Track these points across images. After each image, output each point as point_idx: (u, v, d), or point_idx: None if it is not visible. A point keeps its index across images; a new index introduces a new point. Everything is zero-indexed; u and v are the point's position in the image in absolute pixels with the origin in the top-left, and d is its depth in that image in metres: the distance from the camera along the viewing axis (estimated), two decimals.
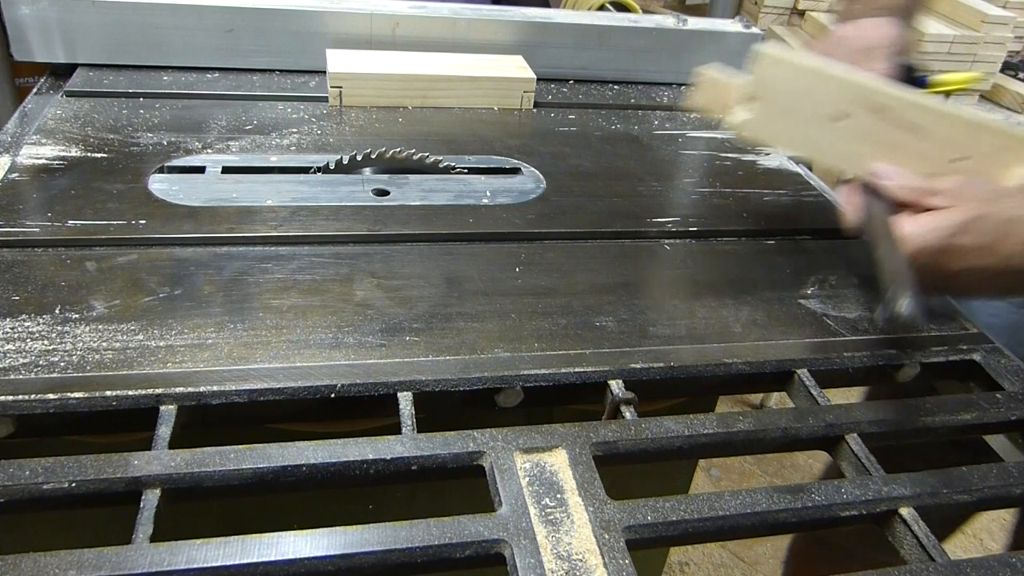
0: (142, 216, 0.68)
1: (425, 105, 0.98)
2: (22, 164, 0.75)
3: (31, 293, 0.58)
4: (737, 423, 0.54)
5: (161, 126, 0.85)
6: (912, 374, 0.64)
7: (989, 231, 0.58)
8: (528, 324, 0.61)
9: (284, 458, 0.47)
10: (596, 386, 0.57)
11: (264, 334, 0.57)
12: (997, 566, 0.46)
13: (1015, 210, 0.59)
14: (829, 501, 0.49)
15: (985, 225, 0.58)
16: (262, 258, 0.66)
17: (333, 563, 0.42)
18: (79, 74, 0.95)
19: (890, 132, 0.65)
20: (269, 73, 1.01)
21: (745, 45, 1.14)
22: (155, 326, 0.56)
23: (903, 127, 0.65)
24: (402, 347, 0.57)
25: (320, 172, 0.81)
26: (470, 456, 0.49)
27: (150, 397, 0.50)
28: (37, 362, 0.52)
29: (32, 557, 0.40)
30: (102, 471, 0.44)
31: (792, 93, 0.66)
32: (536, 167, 0.86)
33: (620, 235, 0.76)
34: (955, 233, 0.58)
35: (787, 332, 0.64)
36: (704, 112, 0.72)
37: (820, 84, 0.66)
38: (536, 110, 1.01)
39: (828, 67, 0.66)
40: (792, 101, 0.67)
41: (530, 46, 1.07)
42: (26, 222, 0.66)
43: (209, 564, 0.40)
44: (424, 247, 0.70)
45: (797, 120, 0.67)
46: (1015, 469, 0.54)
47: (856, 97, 0.65)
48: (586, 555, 0.43)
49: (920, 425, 0.57)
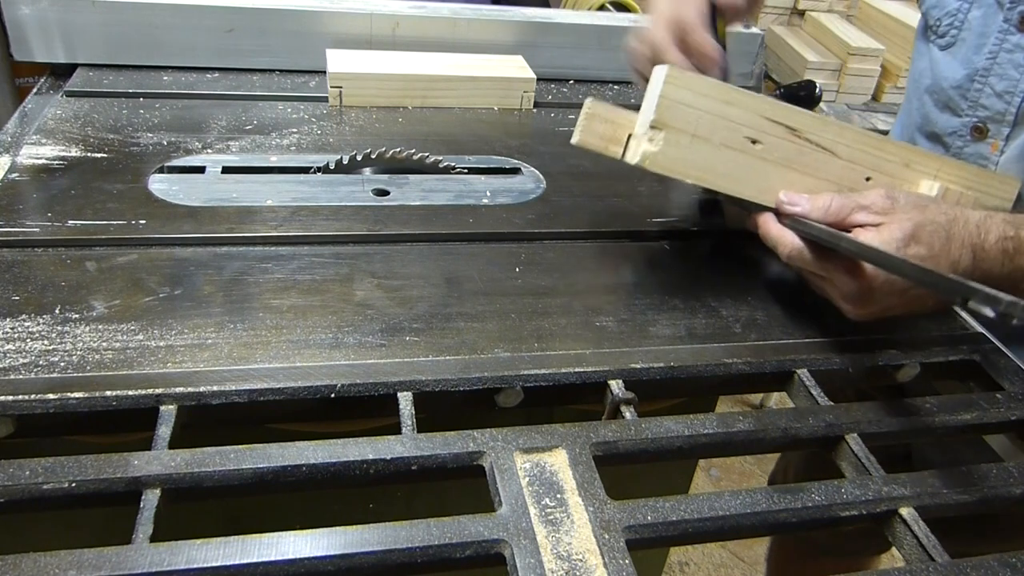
0: (142, 216, 0.68)
1: (425, 105, 0.98)
2: (22, 164, 0.75)
3: (31, 293, 0.58)
4: (737, 423, 0.54)
5: (161, 126, 0.85)
6: (912, 374, 0.64)
7: (933, 239, 0.58)
8: (528, 324, 0.61)
9: (284, 458, 0.47)
10: (596, 386, 0.57)
11: (264, 334, 0.57)
12: (997, 566, 0.46)
13: (945, 213, 0.59)
14: (829, 501, 0.49)
15: (927, 233, 0.57)
16: (262, 258, 0.66)
17: (333, 563, 0.42)
18: (79, 74, 0.95)
19: (804, 155, 0.64)
20: (269, 73, 1.01)
21: (745, 45, 1.14)
22: (155, 326, 0.56)
23: (815, 148, 0.63)
24: (402, 347, 0.57)
25: (320, 172, 0.81)
26: (470, 456, 0.49)
27: (150, 397, 0.50)
28: (37, 362, 0.52)
29: (32, 557, 0.40)
30: (102, 471, 0.44)
31: (704, 117, 0.61)
32: (536, 167, 0.86)
33: (620, 235, 0.76)
34: (905, 246, 0.57)
35: (787, 332, 0.64)
36: (595, 150, 0.63)
37: (734, 104, 0.61)
38: (536, 110, 1.01)
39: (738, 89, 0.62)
40: (704, 126, 0.61)
41: (530, 46, 1.07)
42: (26, 222, 0.66)
43: (209, 564, 0.40)
44: (424, 247, 0.70)
45: (709, 147, 0.61)
46: (1015, 469, 0.54)
47: (769, 116, 0.62)
48: (586, 555, 0.43)
49: (920, 425, 0.57)
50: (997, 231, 0.59)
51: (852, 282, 0.58)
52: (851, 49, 1.92)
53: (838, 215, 0.60)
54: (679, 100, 0.60)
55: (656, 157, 0.60)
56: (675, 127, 0.60)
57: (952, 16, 0.76)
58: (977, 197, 0.69)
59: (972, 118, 0.75)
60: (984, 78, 0.73)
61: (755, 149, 0.62)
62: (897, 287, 0.58)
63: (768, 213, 0.64)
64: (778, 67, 2.13)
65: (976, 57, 0.74)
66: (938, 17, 0.78)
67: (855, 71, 1.94)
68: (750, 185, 0.63)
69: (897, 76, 1.92)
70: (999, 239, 0.59)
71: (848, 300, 0.60)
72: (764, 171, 0.63)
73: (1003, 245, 0.59)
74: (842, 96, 1.96)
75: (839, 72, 1.96)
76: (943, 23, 0.78)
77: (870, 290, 0.58)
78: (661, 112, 0.60)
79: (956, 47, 0.77)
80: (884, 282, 0.57)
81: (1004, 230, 0.59)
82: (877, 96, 1.97)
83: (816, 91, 1.07)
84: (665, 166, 0.61)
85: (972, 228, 0.59)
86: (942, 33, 0.78)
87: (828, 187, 0.64)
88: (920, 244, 0.57)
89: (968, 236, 0.59)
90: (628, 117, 0.63)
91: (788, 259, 0.61)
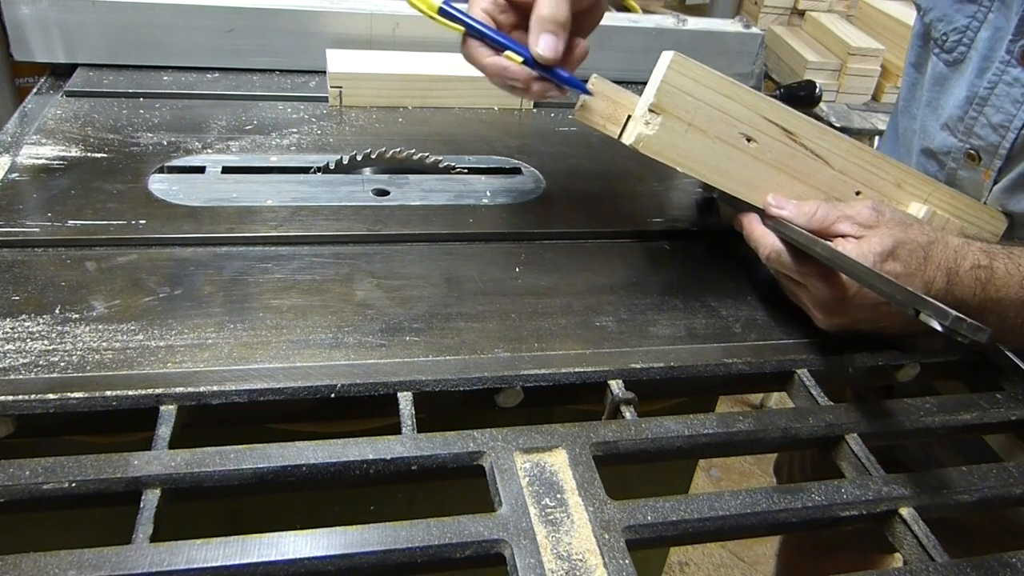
0: (142, 216, 0.68)
1: (425, 105, 0.98)
2: (22, 164, 0.75)
3: (31, 293, 0.58)
4: (737, 423, 0.54)
5: (161, 126, 0.85)
6: (912, 374, 0.64)
7: (911, 257, 0.58)
8: (528, 324, 0.61)
9: (284, 458, 0.47)
10: (596, 386, 0.57)
11: (264, 334, 0.57)
12: (997, 566, 0.46)
13: (927, 235, 0.59)
14: (829, 501, 0.49)
15: (906, 251, 0.58)
16: (262, 258, 0.66)
17: (333, 563, 0.42)
18: (79, 74, 0.95)
19: (797, 159, 0.64)
20: (269, 73, 1.01)
21: (745, 45, 1.14)
22: (155, 326, 0.56)
23: (809, 155, 0.63)
24: (402, 347, 0.57)
25: (320, 172, 0.81)
26: (470, 456, 0.49)
27: (150, 397, 0.50)
28: (37, 362, 0.52)
29: (32, 557, 0.40)
30: (102, 471, 0.44)
31: (702, 108, 0.61)
32: (536, 167, 0.86)
33: (620, 235, 0.76)
34: (882, 261, 0.57)
35: (787, 332, 0.64)
36: (595, 126, 0.65)
37: (734, 99, 0.61)
38: (536, 110, 1.01)
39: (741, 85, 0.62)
40: (701, 116, 0.61)
41: None
42: (26, 222, 0.66)
43: (209, 564, 0.40)
44: (424, 247, 0.70)
45: (703, 139, 0.62)
46: (1015, 469, 0.54)
47: (768, 116, 0.62)
48: (586, 555, 0.43)
49: (920, 425, 0.57)
50: (972, 258, 0.59)
51: (826, 289, 0.58)
52: (851, 49, 1.91)
53: (822, 223, 0.60)
54: (680, 87, 0.60)
55: (650, 140, 0.61)
56: (673, 113, 0.60)
57: (960, 33, 0.73)
58: (964, 227, 0.69)
59: (966, 144, 0.73)
60: (980, 108, 0.71)
61: (749, 147, 0.63)
62: (869, 301, 0.58)
63: (754, 213, 0.64)
64: (778, 67, 2.13)
65: (978, 81, 0.71)
66: (944, 32, 0.74)
67: (855, 71, 1.94)
68: (738, 181, 0.64)
69: (897, 76, 1.91)
70: (973, 267, 0.59)
71: (820, 307, 0.60)
72: (755, 170, 0.63)
73: (976, 274, 0.59)
74: (842, 96, 1.96)
75: (839, 72, 1.96)
76: (950, 38, 0.74)
77: (843, 299, 0.58)
78: (661, 96, 0.60)
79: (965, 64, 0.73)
80: (856, 294, 0.58)
81: (979, 259, 0.60)
82: (877, 96, 1.97)
83: (816, 91, 1.07)
84: (657, 150, 0.61)
85: (950, 253, 0.59)
86: (949, 49, 0.74)
87: (816, 195, 0.65)
88: (897, 261, 0.57)
89: (945, 260, 0.59)
90: (629, 98, 0.64)
91: (767, 260, 0.62)
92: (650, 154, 0.61)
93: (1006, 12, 0.69)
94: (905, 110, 0.84)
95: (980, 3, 0.71)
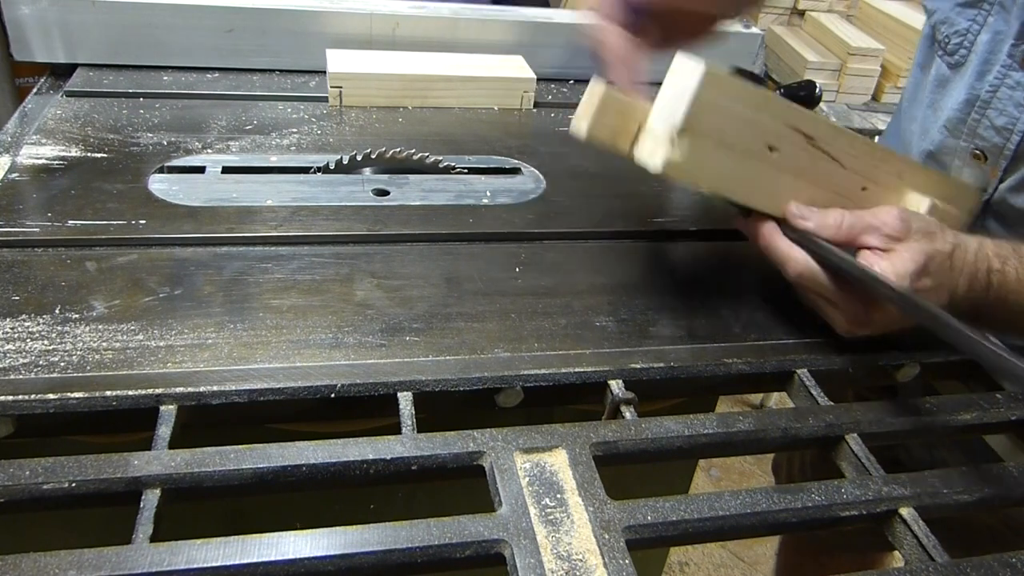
0: (142, 216, 0.68)
1: (425, 105, 0.98)
2: (22, 164, 0.75)
3: (31, 293, 0.58)
4: (737, 423, 0.54)
5: (161, 126, 0.85)
6: (912, 374, 0.64)
7: (940, 269, 0.57)
8: (528, 324, 0.61)
9: (284, 458, 0.47)
10: (596, 386, 0.57)
11: (264, 334, 0.57)
12: (997, 566, 0.46)
13: (949, 241, 0.59)
14: (829, 501, 0.49)
15: (936, 264, 0.57)
16: (262, 258, 0.66)
17: (333, 563, 0.42)
18: (79, 74, 0.95)
19: (816, 164, 0.60)
20: (269, 73, 1.01)
21: (745, 45, 1.14)
22: (155, 326, 0.56)
23: (826, 158, 0.60)
24: (402, 347, 0.57)
25: (320, 172, 0.81)
26: (470, 456, 0.49)
27: (150, 397, 0.50)
28: (37, 362, 0.52)
29: (32, 557, 0.39)
30: (102, 471, 0.44)
31: (731, 124, 0.55)
32: (536, 167, 0.86)
33: (620, 235, 0.76)
34: (917, 279, 0.56)
35: (788, 332, 0.64)
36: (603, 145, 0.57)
37: (764, 110, 0.56)
38: (536, 110, 1.01)
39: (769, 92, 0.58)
40: (730, 133, 0.55)
41: (530, 46, 1.07)
42: (26, 222, 0.66)
43: (209, 564, 0.40)
44: (424, 247, 0.70)
45: (730, 156, 0.56)
46: (1015, 469, 0.54)
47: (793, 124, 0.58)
48: (586, 555, 0.43)
49: (920, 425, 0.57)
50: (988, 261, 0.60)
51: (860, 307, 0.57)
52: (851, 49, 1.91)
53: (848, 235, 0.58)
54: (711, 105, 0.54)
55: (680, 166, 0.54)
56: (702, 133, 0.54)
57: (962, 36, 0.73)
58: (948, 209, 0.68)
59: (971, 144, 0.73)
60: (982, 110, 0.71)
61: (771, 157, 0.58)
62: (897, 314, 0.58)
63: (771, 224, 0.60)
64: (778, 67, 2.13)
65: (978, 84, 0.71)
66: (947, 34, 0.75)
67: (855, 71, 1.94)
68: (762, 194, 0.59)
69: (897, 76, 1.91)
70: (989, 270, 0.60)
71: (849, 322, 0.59)
72: (775, 180, 0.59)
73: (991, 277, 0.60)
74: (842, 96, 1.96)
75: (839, 72, 1.96)
76: (952, 40, 0.74)
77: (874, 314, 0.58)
78: (691, 117, 0.53)
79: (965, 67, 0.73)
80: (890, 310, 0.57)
81: (992, 263, 0.60)
82: (877, 96, 1.97)
83: (816, 91, 1.07)
84: (682, 173, 0.56)
85: (970, 257, 0.59)
86: (951, 51, 0.75)
87: (828, 196, 0.62)
88: (929, 276, 0.57)
89: (966, 265, 0.59)
90: (638, 106, 0.57)
91: (798, 278, 0.58)
92: (675, 178, 0.57)
93: (1006, 16, 0.69)
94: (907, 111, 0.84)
95: (980, 7, 0.71)
